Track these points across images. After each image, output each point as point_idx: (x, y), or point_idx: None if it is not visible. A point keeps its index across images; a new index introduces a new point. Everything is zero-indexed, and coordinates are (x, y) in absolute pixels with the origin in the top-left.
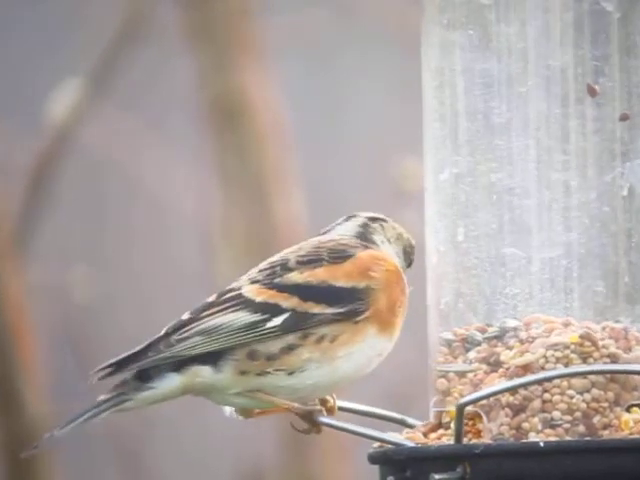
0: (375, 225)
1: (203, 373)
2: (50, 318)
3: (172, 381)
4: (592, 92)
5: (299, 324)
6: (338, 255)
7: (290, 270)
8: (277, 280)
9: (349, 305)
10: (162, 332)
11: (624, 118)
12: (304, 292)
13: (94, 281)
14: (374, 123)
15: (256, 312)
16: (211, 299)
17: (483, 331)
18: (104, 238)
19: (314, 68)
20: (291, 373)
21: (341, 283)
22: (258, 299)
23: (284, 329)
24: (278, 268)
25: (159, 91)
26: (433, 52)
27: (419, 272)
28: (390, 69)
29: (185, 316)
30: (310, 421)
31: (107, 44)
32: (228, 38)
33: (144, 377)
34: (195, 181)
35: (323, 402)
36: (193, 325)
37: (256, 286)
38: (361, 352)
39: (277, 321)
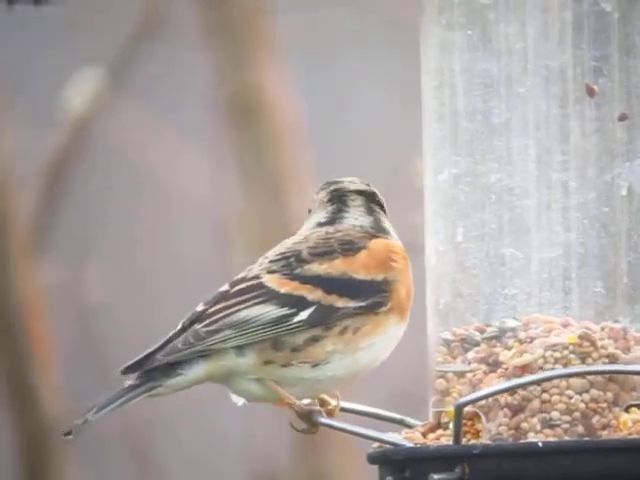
0: (380, 210)
1: (229, 361)
2: (65, 316)
3: (199, 368)
4: (590, 92)
5: (324, 318)
6: (348, 247)
7: (306, 261)
8: (297, 271)
9: (370, 298)
10: (179, 326)
11: (623, 118)
12: (327, 284)
13: (109, 279)
14: (374, 123)
15: (283, 306)
16: (224, 289)
17: (482, 331)
18: (119, 236)
19: (314, 68)
20: (315, 365)
21: (360, 276)
22: (282, 290)
23: (310, 323)
24: (292, 259)
25: (175, 88)
26: (432, 52)
27: (418, 272)
28: (390, 69)
29: (200, 307)
30: (309, 421)
31: (125, 40)
32: (244, 35)
33: (173, 364)
34: (211, 178)
35: (323, 403)
36: (219, 316)
37: (276, 276)
38: (381, 342)
39: (303, 315)
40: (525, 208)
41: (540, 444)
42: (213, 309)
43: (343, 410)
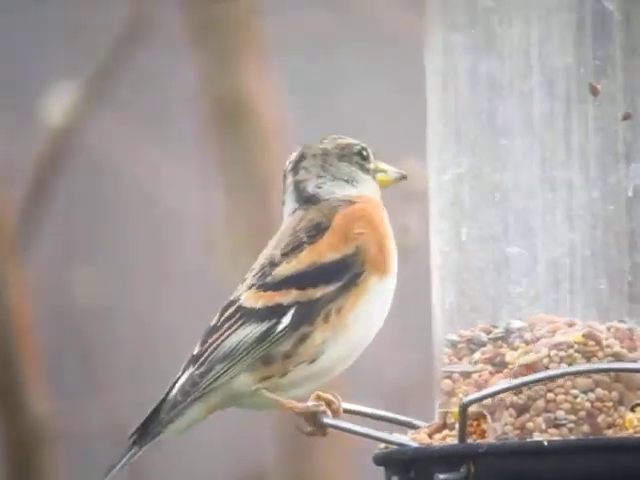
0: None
1: (226, 392)
2: (52, 318)
3: (199, 408)
4: (594, 91)
5: (307, 314)
6: (315, 232)
7: (276, 265)
8: (269, 279)
9: (346, 275)
10: (180, 374)
11: (627, 117)
12: (298, 281)
13: (96, 281)
14: (374, 123)
15: (262, 321)
16: (214, 322)
17: (488, 332)
18: (105, 238)
19: (314, 68)
20: (312, 361)
21: (329, 258)
22: (258, 305)
23: (294, 326)
24: (267, 267)
25: (161, 92)
26: (436, 53)
27: (423, 272)
28: (390, 69)
29: (196, 349)
30: (315, 423)
31: (109, 44)
32: (231, 38)
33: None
34: (197, 183)
35: (328, 404)
36: (207, 354)
37: (252, 291)
38: (368, 308)
39: (285, 321)
40: (529, 208)
41: (545, 442)
42: (203, 348)
43: (348, 412)
